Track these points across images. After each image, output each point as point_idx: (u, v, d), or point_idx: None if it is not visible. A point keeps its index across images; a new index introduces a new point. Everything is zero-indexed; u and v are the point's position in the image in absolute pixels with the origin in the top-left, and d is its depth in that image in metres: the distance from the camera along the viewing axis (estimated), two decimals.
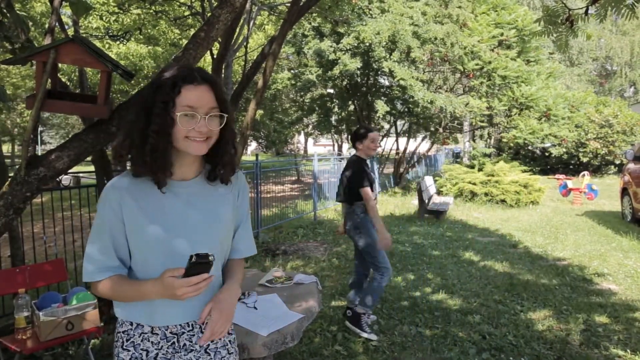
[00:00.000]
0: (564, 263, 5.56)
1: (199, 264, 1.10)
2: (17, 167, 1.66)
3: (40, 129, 27.30)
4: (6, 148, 28.29)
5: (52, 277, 2.99)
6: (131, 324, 1.30)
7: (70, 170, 1.86)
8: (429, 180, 9.85)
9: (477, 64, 11.11)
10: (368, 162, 3.65)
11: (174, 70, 1.20)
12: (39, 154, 1.72)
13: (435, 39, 10.81)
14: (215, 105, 1.21)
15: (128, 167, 1.26)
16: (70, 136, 1.74)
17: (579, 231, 7.44)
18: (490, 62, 11.06)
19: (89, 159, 3.16)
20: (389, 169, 15.29)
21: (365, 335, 3.46)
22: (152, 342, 1.28)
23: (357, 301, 3.61)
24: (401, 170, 14.30)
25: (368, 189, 3.41)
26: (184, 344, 1.30)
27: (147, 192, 1.24)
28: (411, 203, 10.69)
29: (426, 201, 8.76)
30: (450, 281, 4.82)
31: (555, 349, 3.26)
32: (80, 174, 5.94)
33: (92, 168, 4.08)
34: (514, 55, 11.67)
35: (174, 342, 1.29)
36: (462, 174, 11.77)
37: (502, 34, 11.55)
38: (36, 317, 2.60)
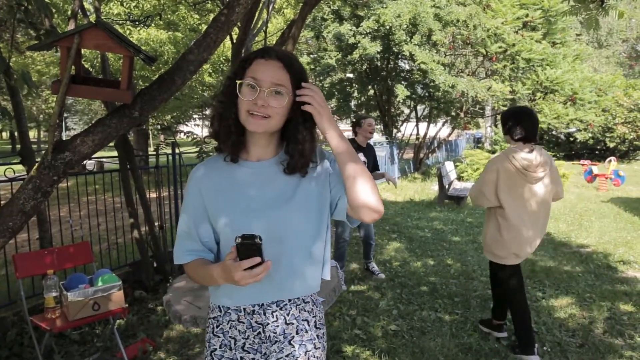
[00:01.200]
0: (588, 250, 5.46)
1: (245, 246, 1.05)
2: (43, 152, 1.70)
3: (64, 115, 27.84)
4: (32, 134, 28.99)
5: (79, 259, 3.08)
6: (220, 309, 1.30)
7: (93, 156, 1.89)
8: (449, 165, 9.74)
9: (500, 47, 10.84)
10: (366, 147, 4.33)
11: (256, 50, 1.23)
12: (64, 139, 1.75)
13: (458, 21, 10.57)
14: (282, 83, 1.17)
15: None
16: (94, 122, 1.77)
17: (604, 218, 7.28)
18: (514, 45, 10.78)
19: (112, 144, 3.21)
20: (409, 154, 15.16)
21: (376, 275, 4.50)
22: (239, 331, 1.27)
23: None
24: (421, 155, 14.17)
25: None
26: (269, 335, 1.27)
27: (224, 174, 1.26)
28: (431, 189, 10.60)
29: (446, 187, 8.67)
30: (470, 267, 4.79)
31: (578, 337, 3.22)
32: (104, 159, 6.06)
33: (115, 153, 4.15)
34: (539, 37, 11.34)
35: (259, 332, 1.27)
36: (483, 160, 11.59)
37: (527, 15, 11.22)
38: (64, 297, 2.69)
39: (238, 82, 1.18)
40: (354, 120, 4.49)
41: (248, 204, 1.23)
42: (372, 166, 4.41)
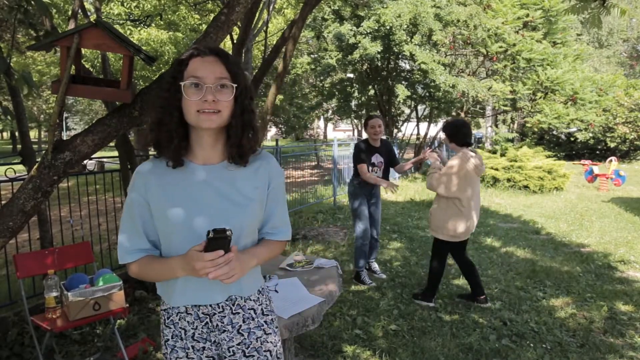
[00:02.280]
0: (588, 250, 5.45)
1: (216, 239, 1.09)
2: (43, 152, 1.70)
3: (65, 115, 27.89)
4: (33, 134, 29.00)
5: (79, 259, 3.08)
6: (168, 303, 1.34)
7: (94, 155, 1.89)
8: None
9: (501, 47, 10.83)
10: (380, 146, 4.34)
11: (187, 50, 1.24)
12: (64, 139, 1.75)
13: (458, 21, 10.57)
14: (224, 76, 1.19)
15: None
16: (94, 122, 1.77)
17: (605, 218, 7.27)
18: (514, 45, 10.77)
19: (112, 144, 3.21)
20: (410, 154, 15.14)
21: (367, 285, 4.22)
22: (187, 322, 1.31)
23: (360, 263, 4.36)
24: (422, 155, 14.16)
25: (363, 165, 4.19)
26: (217, 325, 1.31)
27: (170, 175, 1.26)
28: None
29: None
30: None
31: (578, 337, 3.22)
32: (104, 159, 6.06)
33: (116, 153, 4.16)
34: (540, 37, 11.33)
35: (207, 322, 1.31)
36: (484, 160, 11.58)
37: (527, 15, 11.21)
38: (65, 297, 2.69)
39: (182, 84, 1.18)
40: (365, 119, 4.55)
41: (196, 204, 1.24)
42: (390, 162, 4.39)
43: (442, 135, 15.02)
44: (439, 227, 3.65)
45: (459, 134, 3.64)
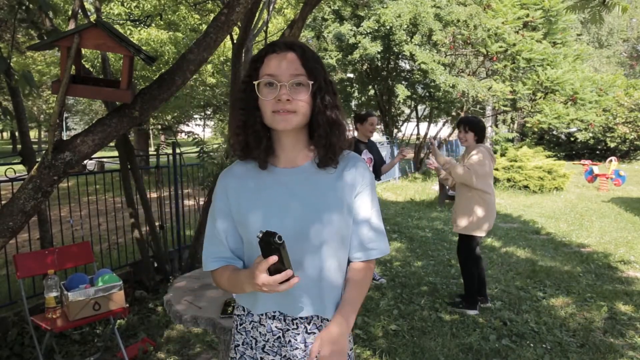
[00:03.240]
0: (588, 250, 5.45)
1: (265, 243, 0.98)
2: (43, 152, 1.70)
3: (65, 115, 27.89)
4: (33, 134, 28.98)
5: (79, 259, 3.08)
6: (243, 309, 1.27)
7: (94, 155, 1.89)
8: None
9: (501, 47, 10.83)
10: (368, 143, 4.28)
11: (264, 46, 1.16)
12: (64, 139, 1.75)
13: (458, 21, 10.57)
14: (300, 73, 1.09)
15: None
16: (94, 122, 1.77)
17: (605, 218, 7.27)
18: (514, 45, 10.77)
19: (112, 144, 3.21)
20: (409, 155, 15.15)
21: None
22: (259, 332, 1.25)
23: None
24: (422, 155, 14.16)
25: None
26: (289, 340, 1.23)
27: (252, 180, 1.20)
28: (432, 189, 10.60)
29: (447, 187, 8.66)
30: None
31: (579, 337, 3.22)
32: (104, 159, 6.06)
33: (116, 153, 4.16)
34: (540, 37, 11.32)
35: (279, 337, 1.23)
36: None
37: (527, 15, 11.20)
38: (65, 297, 2.69)
39: (255, 83, 1.11)
40: (356, 115, 4.35)
41: (275, 210, 1.16)
42: (378, 161, 4.33)
43: (441, 135, 15.08)
44: (468, 222, 3.61)
45: (481, 130, 3.71)
